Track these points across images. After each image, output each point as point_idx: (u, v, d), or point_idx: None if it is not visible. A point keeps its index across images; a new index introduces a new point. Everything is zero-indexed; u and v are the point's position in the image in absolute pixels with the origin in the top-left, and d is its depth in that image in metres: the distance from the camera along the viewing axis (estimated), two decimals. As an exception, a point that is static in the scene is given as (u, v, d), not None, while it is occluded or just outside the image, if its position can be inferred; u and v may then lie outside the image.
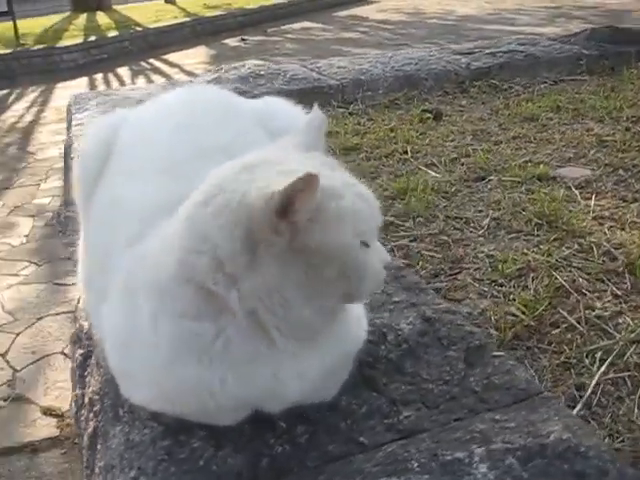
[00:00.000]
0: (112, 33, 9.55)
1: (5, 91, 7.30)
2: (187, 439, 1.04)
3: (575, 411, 1.24)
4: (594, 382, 1.31)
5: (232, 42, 9.41)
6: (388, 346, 1.22)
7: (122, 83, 7.24)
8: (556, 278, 1.65)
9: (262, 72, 3.29)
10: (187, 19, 10.74)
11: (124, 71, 7.86)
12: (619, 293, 1.60)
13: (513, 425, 1.02)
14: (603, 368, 1.35)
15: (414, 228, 2.00)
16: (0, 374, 2.47)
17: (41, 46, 8.91)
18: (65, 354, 2.28)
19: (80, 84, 7.25)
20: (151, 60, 8.49)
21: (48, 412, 1.99)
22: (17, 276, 3.15)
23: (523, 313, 1.53)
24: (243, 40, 9.44)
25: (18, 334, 2.66)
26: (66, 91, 6.12)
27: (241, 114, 1.31)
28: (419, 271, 1.75)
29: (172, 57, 8.58)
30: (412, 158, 2.52)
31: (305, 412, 1.08)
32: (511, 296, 1.60)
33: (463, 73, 3.30)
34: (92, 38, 9.24)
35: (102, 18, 11.20)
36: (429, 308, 1.33)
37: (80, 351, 1.42)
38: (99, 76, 7.67)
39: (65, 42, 8.95)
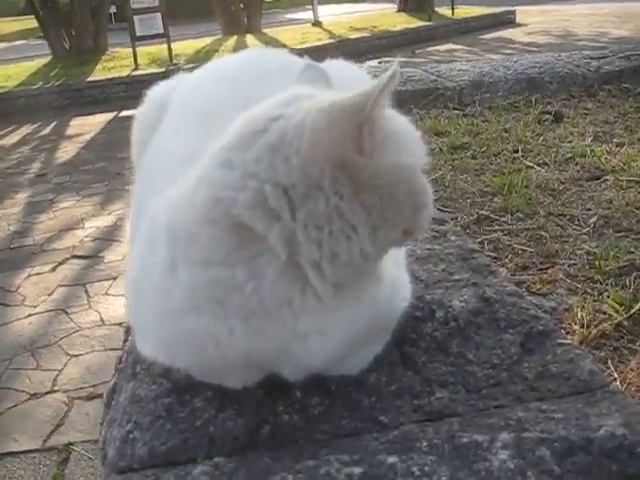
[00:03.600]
0: (259, 53, 9.88)
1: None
2: (191, 398, 0.95)
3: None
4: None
5: (373, 63, 9.46)
6: (435, 324, 1.08)
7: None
8: (663, 279, 1.43)
9: (378, 72, 3.20)
10: (332, 41, 10.92)
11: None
12: None
13: (560, 416, 0.85)
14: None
15: (510, 223, 1.82)
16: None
17: (191, 65, 9.36)
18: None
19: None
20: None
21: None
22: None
23: (616, 311, 1.32)
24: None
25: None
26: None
27: (295, 72, 1.24)
28: (506, 264, 1.58)
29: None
30: (522, 157, 2.32)
31: (326, 384, 0.96)
32: (606, 294, 1.40)
33: (592, 76, 3.03)
34: (239, 58, 9.59)
35: (251, 40, 11.62)
36: (492, 289, 1.17)
37: (129, 316, 1.38)
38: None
39: (214, 61, 9.35)
